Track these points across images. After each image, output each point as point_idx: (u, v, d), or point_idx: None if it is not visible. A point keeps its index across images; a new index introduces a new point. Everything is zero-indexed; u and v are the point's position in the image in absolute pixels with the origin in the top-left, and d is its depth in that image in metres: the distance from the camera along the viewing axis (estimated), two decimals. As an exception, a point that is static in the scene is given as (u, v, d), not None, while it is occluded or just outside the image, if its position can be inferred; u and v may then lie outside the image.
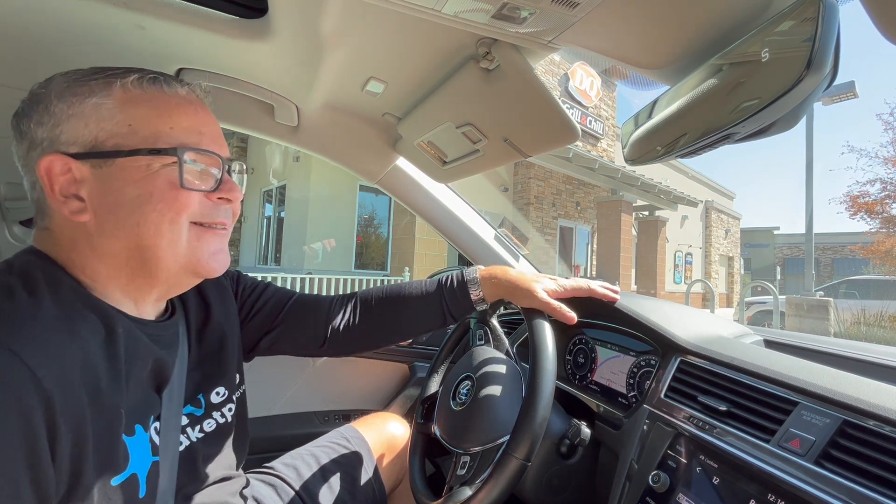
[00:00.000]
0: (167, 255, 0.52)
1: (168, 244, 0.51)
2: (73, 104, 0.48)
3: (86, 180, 0.48)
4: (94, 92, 0.49)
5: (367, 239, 9.05)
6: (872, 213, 13.58)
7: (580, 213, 10.84)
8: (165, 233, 0.51)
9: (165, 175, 0.50)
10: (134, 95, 0.50)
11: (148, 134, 0.50)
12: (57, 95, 0.48)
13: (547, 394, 0.63)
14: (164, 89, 0.52)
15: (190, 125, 0.53)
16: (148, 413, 0.53)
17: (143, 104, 0.50)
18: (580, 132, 0.78)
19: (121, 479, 0.46)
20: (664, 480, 0.64)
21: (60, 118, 0.48)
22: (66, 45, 0.75)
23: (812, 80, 0.41)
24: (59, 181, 0.48)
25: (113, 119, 0.49)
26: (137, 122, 0.49)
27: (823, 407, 0.55)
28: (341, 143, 1.13)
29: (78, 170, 0.48)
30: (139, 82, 0.51)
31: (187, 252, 0.53)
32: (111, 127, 0.49)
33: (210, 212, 0.55)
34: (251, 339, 0.79)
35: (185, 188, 0.51)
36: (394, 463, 0.98)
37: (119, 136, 0.49)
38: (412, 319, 0.83)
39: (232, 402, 0.69)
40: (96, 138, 0.48)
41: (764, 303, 8.53)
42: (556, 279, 0.84)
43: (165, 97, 0.52)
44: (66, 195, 0.48)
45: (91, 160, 0.48)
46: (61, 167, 0.48)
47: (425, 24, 0.64)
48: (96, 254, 0.50)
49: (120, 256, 0.50)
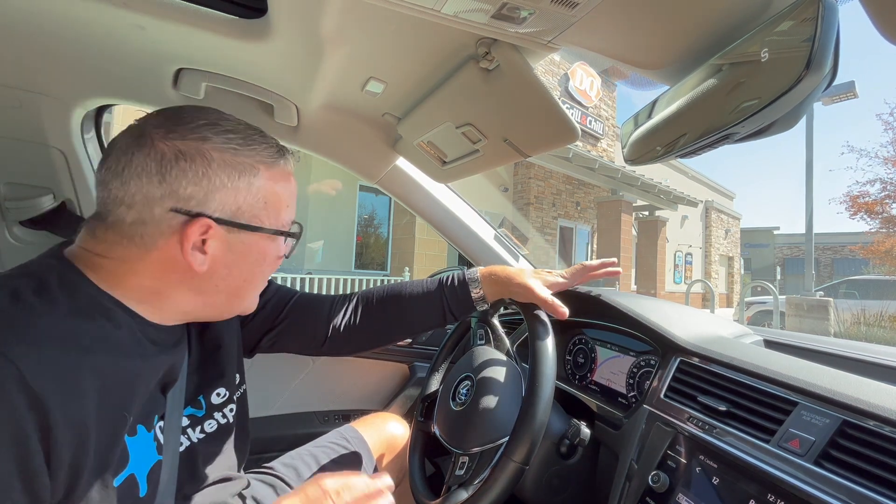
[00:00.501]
0: (248, 302, 0.61)
1: (254, 295, 0.61)
2: (233, 178, 0.53)
3: (216, 238, 0.53)
4: (249, 170, 0.54)
5: (367, 239, 9.05)
6: (872, 213, 13.57)
7: (580, 213, 10.84)
8: (258, 286, 0.61)
9: (278, 245, 0.59)
10: (274, 175, 0.57)
11: (274, 209, 0.57)
12: (219, 165, 0.52)
13: (546, 397, 0.63)
14: (286, 167, 0.59)
15: (294, 201, 0.61)
16: (152, 413, 0.53)
17: (277, 183, 0.57)
18: (580, 132, 0.78)
19: (121, 479, 0.46)
20: (664, 480, 0.64)
21: (217, 186, 0.52)
22: (67, 45, 0.75)
23: (811, 80, 0.41)
24: (196, 238, 0.51)
25: (256, 195, 0.55)
26: (270, 199, 0.56)
27: (823, 407, 0.55)
28: (341, 143, 1.13)
29: (214, 231, 0.52)
30: (276, 162, 0.57)
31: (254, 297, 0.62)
32: (252, 201, 0.55)
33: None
34: (252, 338, 0.79)
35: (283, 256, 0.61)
36: (393, 463, 0.98)
37: (256, 209, 0.55)
38: (413, 318, 0.83)
39: (233, 403, 0.69)
40: (239, 209, 0.54)
41: (764, 303, 8.53)
42: (553, 272, 0.84)
43: (287, 175, 0.59)
44: (194, 249, 0.51)
45: (229, 227, 0.53)
46: (202, 227, 0.51)
47: (425, 24, 0.64)
48: (186, 287, 0.54)
49: (208, 296, 0.56)
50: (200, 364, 0.66)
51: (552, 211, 10.11)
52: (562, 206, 10.35)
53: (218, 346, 0.69)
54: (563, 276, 0.83)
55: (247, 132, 0.56)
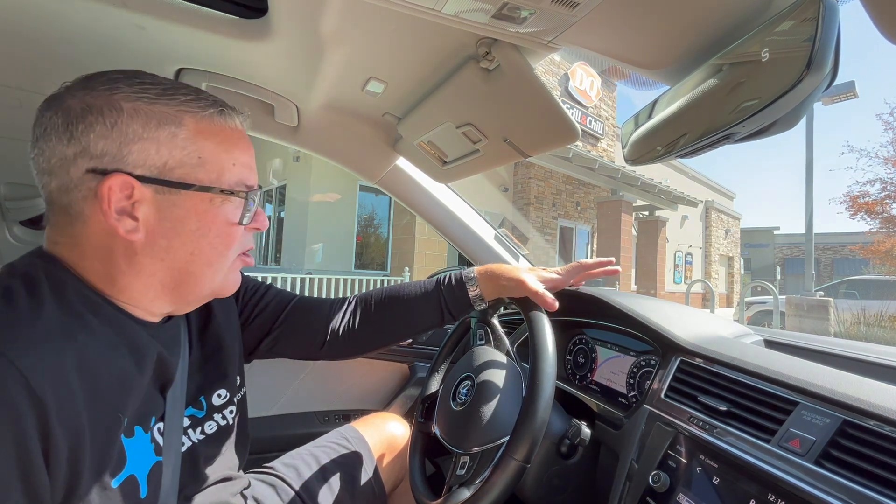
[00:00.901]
0: (206, 281, 0.55)
1: (213, 273, 0.55)
2: (148, 128, 0.48)
3: (144, 202, 0.48)
4: (170, 119, 0.49)
5: (367, 239, 9.05)
6: (872, 213, 13.57)
7: (580, 213, 10.84)
8: (213, 263, 0.54)
9: (225, 211, 0.53)
10: (205, 128, 0.51)
11: (214, 168, 0.51)
12: (130, 113, 0.47)
13: (546, 396, 0.63)
14: (227, 123, 0.54)
15: (246, 161, 0.55)
16: (149, 414, 0.53)
17: (212, 137, 0.52)
18: (580, 132, 0.78)
19: (119, 480, 0.46)
20: (664, 480, 0.64)
21: (130, 138, 0.47)
22: (66, 45, 0.75)
23: (812, 80, 0.41)
24: (118, 199, 0.47)
25: (185, 149, 0.49)
26: (206, 154, 0.51)
27: (824, 407, 0.55)
28: (341, 143, 1.13)
29: (139, 191, 0.48)
30: (212, 116, 0.52)
31: (223, 279, 0.57)
32: (181, 156, 0.49)
33: (245, 240, 0.58)
34: (251, 342, 0.79)
35: (239, 224, 0.54)
36: (394, 463, 0.98)
37: (188, 167, 0.50)
38: (411, 319, 0.83)
39: (233, 405, 0.69)
40: (165, 164, 0.48)
41: (764, 303, 8.53)
42: (549, 269, 0.84)
43: (229, 131, 0.54)
44: (121, 214, 0.47)
45: (157, 185, 0.48)
46: (124, 186, 0.47)
47: (425, 24, 0.64)
48: (133, 270, 0.50)
49: (158, 276, 0.52)
50: (202, 364, 0.66)
51: (552, 211, 10.11)
52: (562, 206, 10.35)
53: (219, 346, 0.69)
54: (559, 272, 0.83)
55: (171, 84, 0.51)
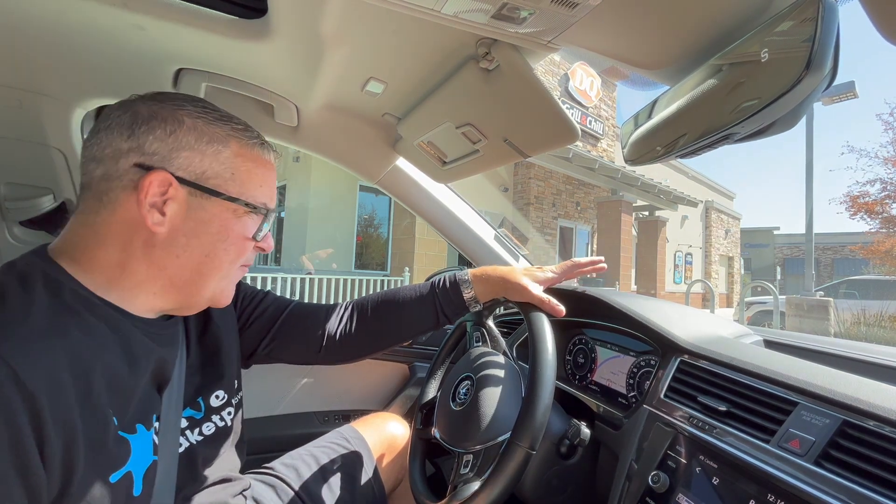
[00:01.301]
0: (211, 285, 0.58)
1: (220, 278, 0.59)
2: (201, 142, 0.54)
3: (176, 201, 0.53)
4: (218, 139, 0.56)
5: (367, 239, 9.05)
6: (872, 213, 13.56)
7: (580, 213, 10.84)
8: (222, 268, 0.58)
9: (243, 224, 0.58)
10: (245, 153, 0.58)
11: (244, 185, 0.58)
12: (189, 128, 0.54)
13: (549, 382, 0.64)
14: (263, 154, 0.61)
15: (271, 189, 0.62)
16: (150, 412, 0.53)
17: (248, 161, 0.58)
18: (580, 132, 0.78)
19: (117, 476, 0.46)
20: (664, 480, 0.64)
21: (183, 146, 0.53)
22: (66, 45, 0.75)
23: (811, 80, 0.41)
24: (154, 194, 0.52)
25: (223, 165, 0.56)
26: (239, 174, 0.57)
27: (823, 407, 0.55)
28: (341, 144, 1.13)
29: (175, 190, 0.53)
30: (253, 146, 0.59)
31: (224, 287, 0.61)
32: (218, 169, 0.56)
33: (249, 255, 0.63)
34: (249, 346, 0.80)
35: (251, 238, 0.60)
36: (394, 463, 0.98)
37: (221, 179, 0.56)
38: (407, 322, 0.84)
39: (231, 407, 0.69)
40: (204, 173, 0.55)
41: (764, 303, 8.53)
42: (543, 269, 0.84)
43: (263, 161, 0.61)
44: (152, 207, 0.52)
45: (191, 188, 0.54)
46: (162, 183, 0.52)
47: (425, 25, 0.64)
48: (147, 259, 0.53)
49: (168, 270, 0.54)
50: (200, 366, 0.66)
51: (552, 211, 10.11)
52: (562, 206, 10.35)
53: (218, 348, 0.69)
54: (554, 271, 0.84)
55: (227, 114, 0.59)
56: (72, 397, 0.42)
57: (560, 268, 0.84)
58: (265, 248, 0.64)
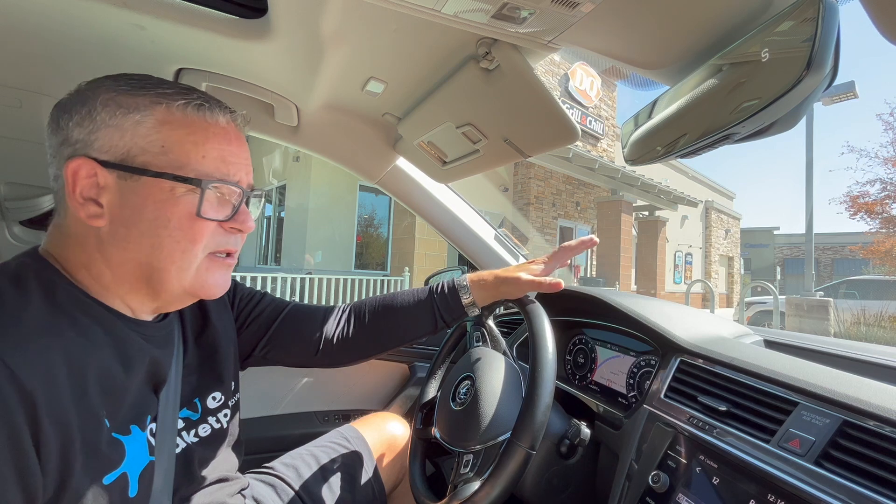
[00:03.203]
0: (174, 279, 0.52)
1: (178, 270, 0.52)
2: (116, 115, 0.49)
3: (108, 188, 0.49)
4: (139, 108, 0.50)
5: (367, 239, 9.05)
6: (872, 213, 13.57)
7: (580, 213, 10.84)
8: (177, 259, 0.52)
9: (186, 203, 0.51)
10: (174, 118, 0.51)
11: (178, 159, 0.50)
12: (102, 103, 0.49)
13: (549, 382, 0.64)
14: (205, 117, 0.53)
15: (220, 155, 0.53)
16: (144, 413, 0.53)
17: (180, 128, 0.51)
18: (580, 132, 0.78)
19: (112, 477, 0.46)
20: (664, 480, 0.64)
21: (98, 125, 0.49)
22: (66, 45, 0.75)
23: (812, 80, 0.41)
24: (83, 184, 0.48)
25: (148, 137, 0.49)
26: (171, 145, 0.50)
27: (823, 407, 0.55)
28: (341, 143, 1.13)
29: (103, 177, 0.49)
30: (184, 107, 0.51)
31: (194, 279, 0.54)
32: (144, 144, 0.49)
33: (221, 240, 0.55)
34: (246, 348, 0.79)
35: (201, 217, 0.51)
36: (394, 463, 0.98)
37: (149, 155, 0.49)
38: (404, 326, 0.84)
39: (227, 408, 0.69)
40: (128, 152, 0.49)
41: (764, 303, 8.53)
42: (536, 260, 0.85)
43: (205, 124, 0.53)
44: (86, 198, 0.49)
45: (118, 171, 0.49)
46: (87, 171, 0.48)
47: (425, 24, 0.64)
48: (103, 258, 0.51)
49: (126, 266, 0.51)
50: (197, 367, 0.66)
51: (552, 211, 10.11)
52: (562, 206, 10.34)
53: (215, 349, 0.69)
54: (546, 261, 0.84)
55: (158, 80, 0.53)
56: (67, 397, 0.42)
57: (551, 256, 0.85)
58: (239, 227, 0.56)
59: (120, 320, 0.52)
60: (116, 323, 0.51)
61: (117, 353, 0.49)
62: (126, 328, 0.52)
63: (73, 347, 0.45)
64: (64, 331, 0.45)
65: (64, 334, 0.45)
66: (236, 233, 0.57)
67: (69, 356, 0.44)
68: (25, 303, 0.44)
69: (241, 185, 0.55)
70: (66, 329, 0.45)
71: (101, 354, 0.47)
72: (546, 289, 0.77)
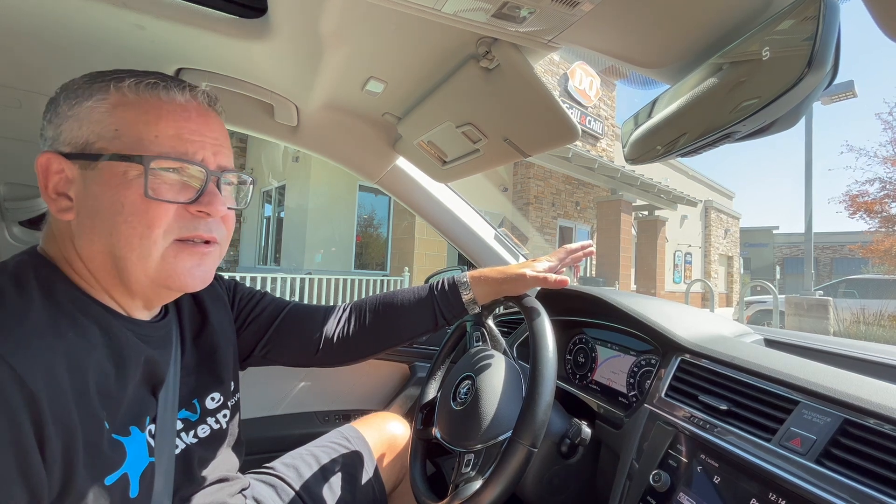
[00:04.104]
0: (137, 268, 0.50)
1: (138, 258, 0.49)
2: (73, 105, 0.49)
3: (75, 181, 0.49)
4: (93, 94, 0.49)
5: (366, 239, 9.05)
6: (871, 212, 13.57)
7: (580, 212, 10.84)
8: (136, 246, 0.49)
9: (139, 185, 0.48)
10: (126, 100, 0.49)
11: (131, 140, 0.48)
12: (65, 97, 0.50)
13: (549, 381, 0.64)
14: (159, 95, 0.50)
15: (176, 133, 0.50)
16: (143, 414, 0.52)
17: (132, 109, 0.49)
18: (580, 132, 0.78)
19: (113, 478, 0.46)
20: (665, 480, 0.64)
21: (62, 118, 0.49)
22: (65, 45, 0.75)
23: (812, 78, 0.41)
24: (53, 179, 0.49)
25: (102, 122, 0.48)
26: (124, 127, 0.48)
27: (824, 406, 0.55)
28: (341, 143, 1.13)
29: (69, 170, 0.49)
30: (135, 86, 0.49)
31: (159, 267, 0.51)
32: (100, 130, 0.48)
33: (189, 225, 0.52)
34: (246, 347, 0.79)
35: (151, 198, 0.48)
36: (394, 463, 0.98)
37: (105, 140, 0.48)
38: (405, 324, 0.84)
39: (226, 409, 0.69)
40: (87, 140, 0.48)
41: (763, 302, 8.53)
42: (539, 259, 0.86)
43: (159, 103, 0.50)
44: (58, 193, 0.50)
45: (79, 161, 0.49)
46: (56, 166, 0.49)
47: (425, 24, 0.64)
48: (77, 253, 0.51)
49: (97, 259, 0.50)
50: (196, 368, 0.66)
51: (552, 211, 10.11)
52: (561, 205, 10.34)
53: (214, 350, 0.68)
54: (550, 259, 0.86)
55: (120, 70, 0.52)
56: (69, 398, 0.42)
57: (555, 255, 0.86)
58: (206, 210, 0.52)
59: (116, 319, 0.51)
60: (112, 322, 0.51)
61: (113, 353, 0.49)
62: (122, 328, 0.52)
63: (74, 348, 0.44)
64: (65, 331, 0.45)
65: (65, 335, 0.45)
66: (205, 216, 0.53)
67: (71, 357, 0.44)
68: (27, 302, 0.44)
69: (204, 165, 0.51)
70: (67, 329, 0.45)
71: (98, 355, 0.47)
72: (552, 285, 0.78)
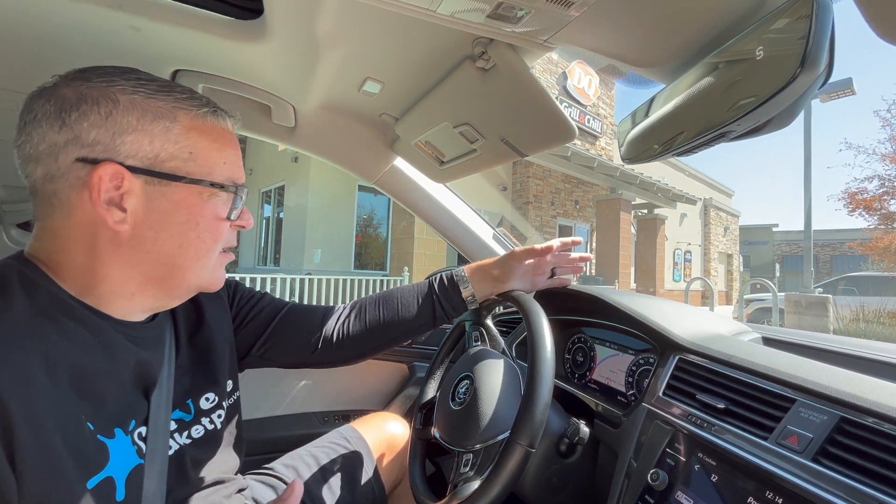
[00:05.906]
0: (193, 276, 0.55)
1: (200, 268, 0.55)
2: (143, 120, 0.49)
3: (133, 193, 0.49)
4: (164, 115, 0.51)
5: (366, 239, 9.05)
6: (870, 209, 13.58)
7: (579, 211, 10.84)
8: (202, 257, 0.55)
9: (214, 205, 0.54)
10: (198, 125, 0.53)
11: (205, 164, 0.53)
12: (125, 106, 0.48)
13: (548, 380, 0.64)
14: (219, 123, 0.56)
15: (235, 160, 0.57)
16: (129, 416, 0.52)
17: (204, 135, 0.54)
18: (577, 131, 0.78)
19: (96, 481, 0.45)
20: (663, 478, 0.64)
21: (125, 129, 0.48)
22: (62, 47, 0.75)
23: (806, 77, 0.41)
24: (108, 189, 0.48)
25: (177, 144, 0.51)
26: (198, 150, 0.53)
27: (821, 404, 0.55)
28: (339, 144, 1.13)
29: (129, 182, 0.48)
30: (204, 115, 0.54)
31: (210, 274, 0.58)
32: (173, 150, 0.51)
33: (230, 237, 0.60)
34: (243, 347, 0.79)
35: (229, 220, 0.56)
36: (394, 463, 0.98)
37: (179, 161, 0.51)
38: (405, 321, 0.84)
39: (221, 409, 0.68)
40: (157, 157, 0.50)
41: (763, 300, 8.55)
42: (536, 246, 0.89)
43: (220, 131, 0.56)
44: (110, 204, 0.48)
45: (145, 176, 0.49)
46: (114, 176, 0.48)
47: (421, 24, 0.64)
48: (117, 261, 0.50)
49: (142, 268, 0.52)
50: (191, 368, 0.65)
51: (551, 210, 10.11)
52: (560, 204, 10.35)
53: (209, 350, 0.68)
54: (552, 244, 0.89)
55: (166, 83, 0.53)
56: (46, 400, 0.42)
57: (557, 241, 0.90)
58: (244, 224, 0.60)
59: (106, 322, 0.51)
60: (102, 325, 0.50)
61: (103, 355, 0.49)
62: (112, 330, 0.51)
63: (56, 350, 0.44)
64: (48, 333, 0.44)
65: (46, 337, 0.44)
66: (239, 228, 0.61)
67: (51, 359, 0.43)
68: (7, 304, 0.44)
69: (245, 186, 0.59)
70: (51, 332, 0.44)
71: (83, 357, 0.46)
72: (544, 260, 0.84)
